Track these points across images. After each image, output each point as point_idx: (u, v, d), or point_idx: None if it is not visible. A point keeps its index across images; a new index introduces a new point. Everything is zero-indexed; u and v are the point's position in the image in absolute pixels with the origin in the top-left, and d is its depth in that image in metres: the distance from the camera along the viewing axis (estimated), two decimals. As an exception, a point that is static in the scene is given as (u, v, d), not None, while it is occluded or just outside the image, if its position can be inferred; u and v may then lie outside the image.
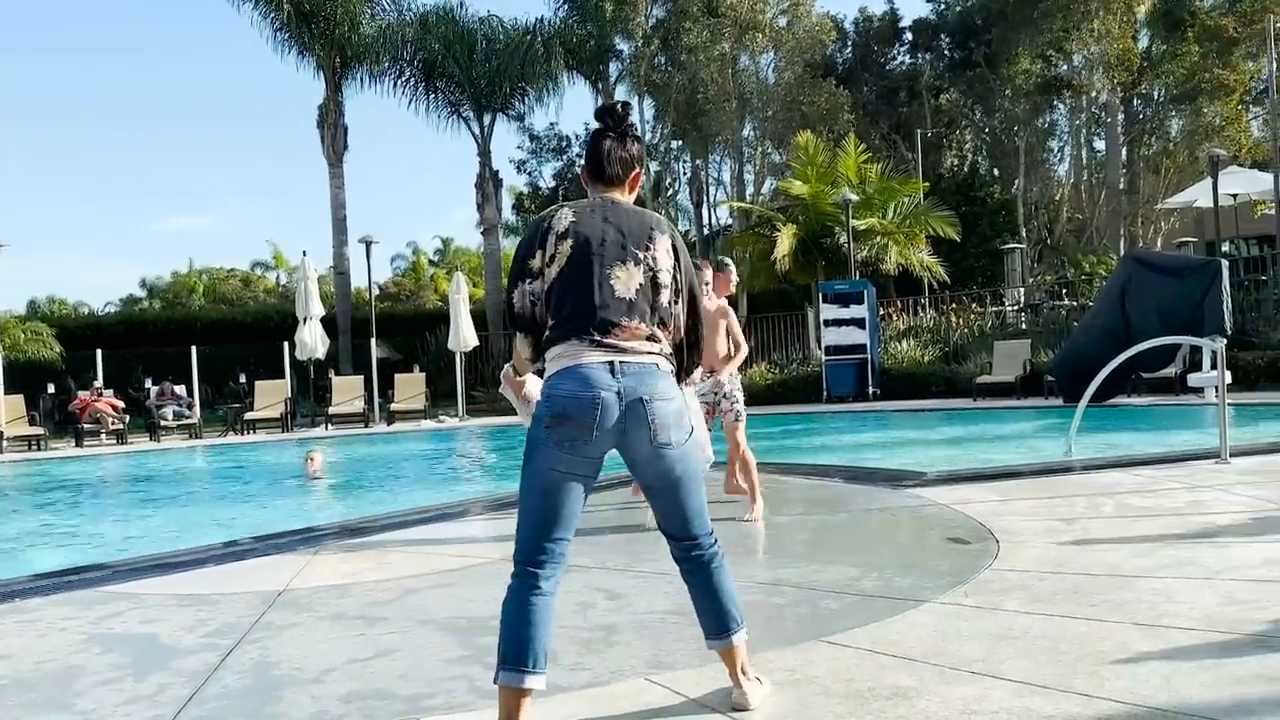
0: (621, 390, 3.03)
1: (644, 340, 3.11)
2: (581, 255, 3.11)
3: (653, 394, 3.07)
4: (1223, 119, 27.94)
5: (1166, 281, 15.04)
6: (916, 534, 6.33)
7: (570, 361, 3.07)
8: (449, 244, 57.33)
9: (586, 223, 3.16)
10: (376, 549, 6.55)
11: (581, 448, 3.05)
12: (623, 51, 30.46)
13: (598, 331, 3.07)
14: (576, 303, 3.10)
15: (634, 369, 3.06)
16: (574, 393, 3.03)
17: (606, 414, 3.02)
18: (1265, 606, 4.01)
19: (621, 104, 3.40)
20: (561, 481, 3.08)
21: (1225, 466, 7.82)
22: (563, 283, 3.12)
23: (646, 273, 3.14)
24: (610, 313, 3.08)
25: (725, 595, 3.32)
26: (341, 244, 27.95)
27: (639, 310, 3.11)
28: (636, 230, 3.18)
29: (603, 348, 3.06)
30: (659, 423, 3.07)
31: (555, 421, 3.04)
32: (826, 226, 22.81)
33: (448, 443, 17.31)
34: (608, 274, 3.11)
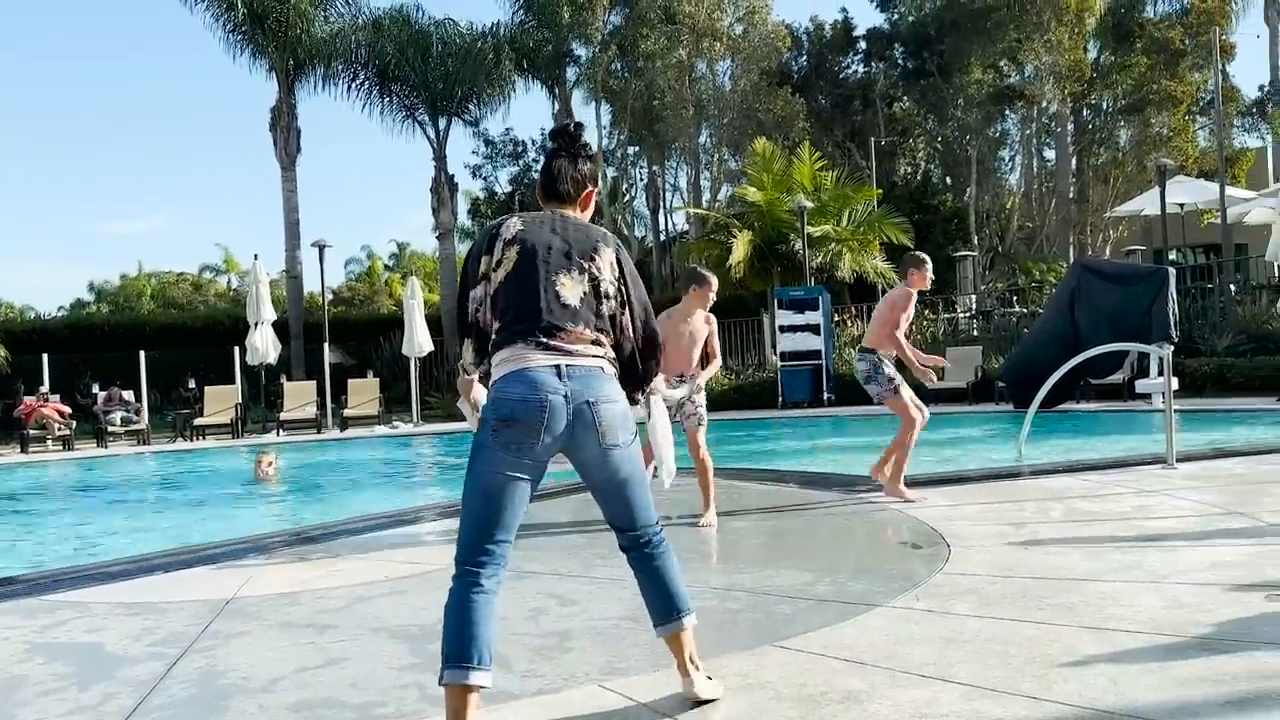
0: (569, 393, 3.09)
1: (589, 344, 3.18)
2: (527, 262, 3.20)
3: (599, 397, 3.13)
4: (1170, 129, 28.45)
5: (1115, 289, 15.27)
6: (869, 538, 6.38)
7: (517, 365, 3.12)
8: (404, 248, 57.02)
9: (534, 231, 3.25)
10: (328, 556, 6.48)
11: (528, 451, 3.08)
12: (580, 57, 30.46)
13: (543, 335, 3.13)
14: (522, 307, 3.17)
15: (580, 372, 3.13)
16: (523, 396, 3.07)
17: (554, 417, 3.07)
18: (1209, 609, 4.07)
19: (574, 124, 3.48)
20: (505, 484, 3.09)
21: (1171, 471, 7.95)
22: (508, 287, 3.20)
23: (590, 282, 3.22)
24: (555, 317, 3.15)
25: (671, 581, 3.38)
26: (294, 248, 27.67)
27: (583, 317, 3.19)
28: (582, 241, 3.26)
29: (549, 350, 3.12)
30: (606, 425, 3.13)
31: (502, 425, 3.07)
32: (782, 233, 22.94)
33: (401, 449, 17.18)
34: (553, 280, 3.18)
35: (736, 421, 17.44)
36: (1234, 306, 18.86)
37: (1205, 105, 29.36)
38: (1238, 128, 31.56)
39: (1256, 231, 25.89)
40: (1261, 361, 15.82)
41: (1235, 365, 15.96)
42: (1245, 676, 3.27)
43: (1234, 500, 6.59)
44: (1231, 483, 7.37)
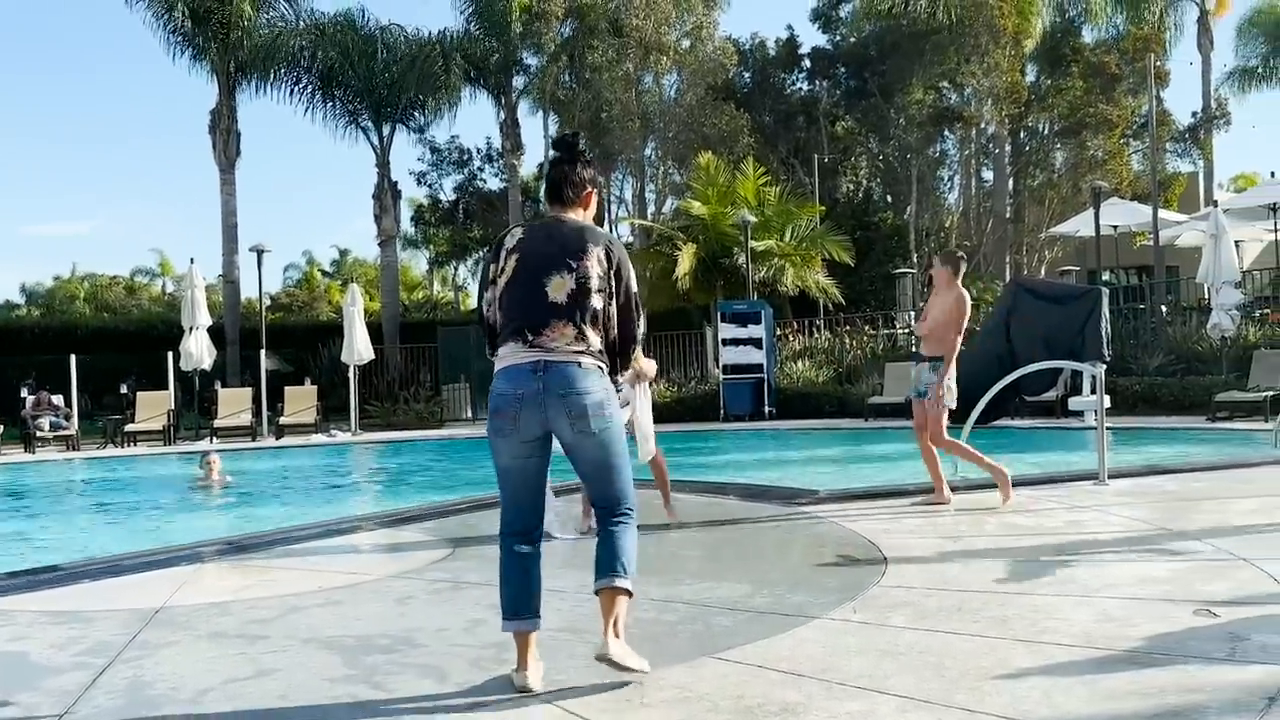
0: (542, 386, 3.56)
1: (572, 339, 3.60)
2: (523, 268, 3.67)
3: (569, 388, 3.56)
4: (1105, 152, 29.08)
5: (1050, 308, 15.52)
6: (808, 551, 6.41)
7: (506, 362, 3.66)
8: (345, 255, 56.44)
9: (531, 240, 3.74)
10: (260, 566, 6.37)
11: (511, 435, 3.63)
12: (529, 67, 30.42)
13: (530, 332, 3.61)
14: (516, 309, 3.66)
15: (555, 367, 3.57)
16: (502, 390, 3.65)
17: (526, 407, 3.58)
18: (1139, 623, 4.15)
19: (573, 134, 3.99)
20: (512, 465, 3.70)
21: (1103, 488, 8.09)
22: (508, 291, 3.69)
23: (578, 280, 3.61)
24: (541, 315, 3.60)
25: (624, 549, 3.75)
26: (232, 252, 27.23)
27: (568, 312, 3.60)
28: (573, 244, 3.67)
29: (532, 348, 3.60)
30: (575, 412, 3.57)
31: (492, 415, 3.67)
32: (726, 247, 23.06)
33: (339, 458, 16.96)
34: (543, 282, 3.62)
35: (678, 434, 17.46)
36: (1165, 327, 19.29)
37: (1139, 130, 30.05)
38: (1171, 152, 32.37)
39: (1188, 254, 26.55)
40: (1191, 382, 16.19)
41: (1166, 385, 16.32)
42: (1174, 690, 3.33)
43: (1164, 517, 6.73)
44: (1161, 499, 7.52)
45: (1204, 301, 20.47)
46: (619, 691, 3.57)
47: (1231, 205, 22.49)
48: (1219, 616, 4.17)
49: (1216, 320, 16.67)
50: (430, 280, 55.67)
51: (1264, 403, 14.07)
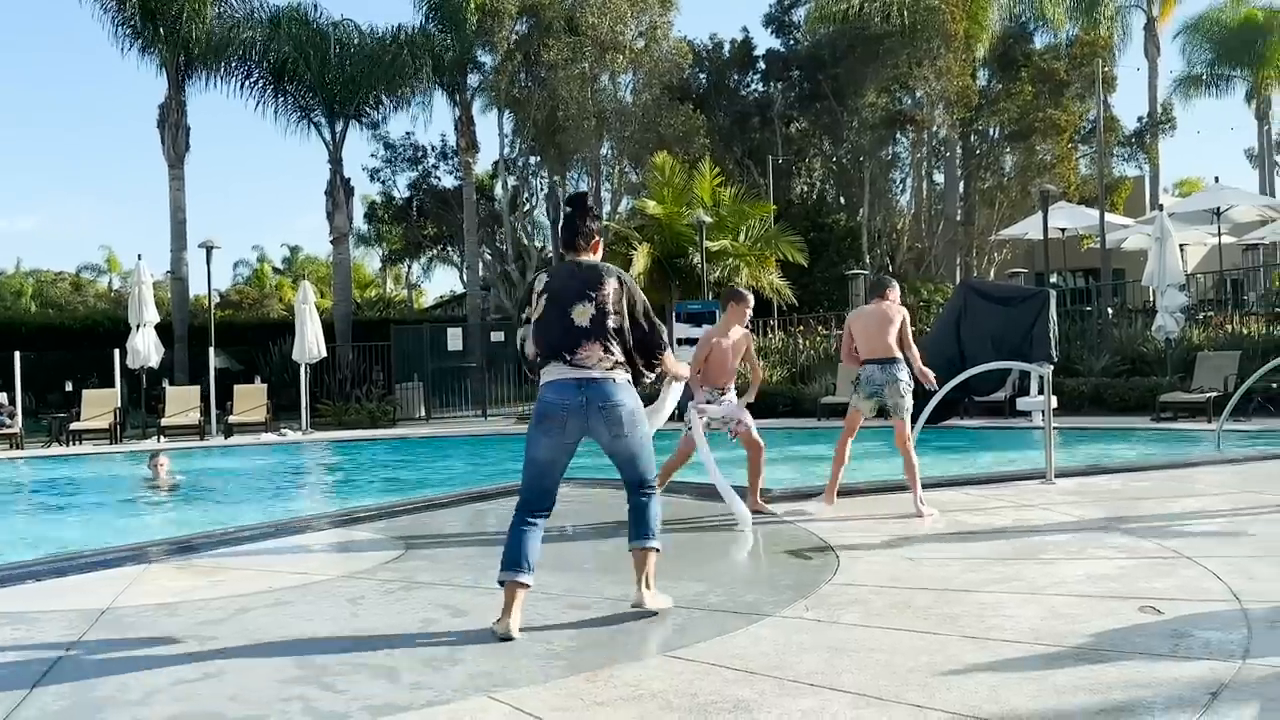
0: (585, 400, 4.48)
1: (602, 354, 4.51)
2: (552, 304, 4.56)
3: (607, 402, 4.51)
4: (1053, 157, 29.49)
5: (999, 310, 15.72)
6: (762, 550, 6.44)
7: (552, 377, 4.54)
8: (296, 252, 55.83)
9: (556, 281, 4.64)
10: (209, 566, 6.29)
11: (558, 436, 4.51)
12: (484, 64, 30.26)
13: (567, 353, 4.51)
14: (552, 335, 4.54)
15: (595, 384, 4.50)
16: (551, 400, 4.50)
17: (573, 416, 4.49)
18: (1086, 620, 4.22)
19: (584, 193, 5.12)
20: (546, 457, 4.54)
21: (1050, 486, 8.22)
22: (542, 323, 4.58)
23: (597, 307, 4.52)
24: (573, 338, 4.50)
25: (653, 517, 4.73)
26: (180, 248, 26.82)
27: (593, 334, 4.50)
28: (591, 278, 4.58)
29: (574, 367, 4.50)
30: (611, 421, 4.52)
31: (542, 418, 4.51)
32: (681, 247, 23.09)
33: (289, 457, 16.77)
34: (568, 311, 4.51)
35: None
36: (1111, 329, 19.62)
37: (1087, 134, 30.52)
38: (1118, 157, 32.92)
39: (1133, 257, 27.04)
40: (1136, 382, 16.47)
41: (1112, 385, 16.59)
42: (1120, 685, 3.40)
43: (1109, 515, 6.84)
44: (1107, 498, 7.65)
45: (1149, 304, 20.85)
46: (573, 690, 3.58)
47: (1176, 209, 22.92)
48: (1163, 613, 4.25)
49: (1161, 322, 16.98)
50: (384, 278, 55.23)
51: (1207, 403, 14.36)
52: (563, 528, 7.70)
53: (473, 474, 13.10)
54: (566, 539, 7.35)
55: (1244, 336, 17.43)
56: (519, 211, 32.78)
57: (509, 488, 9.37)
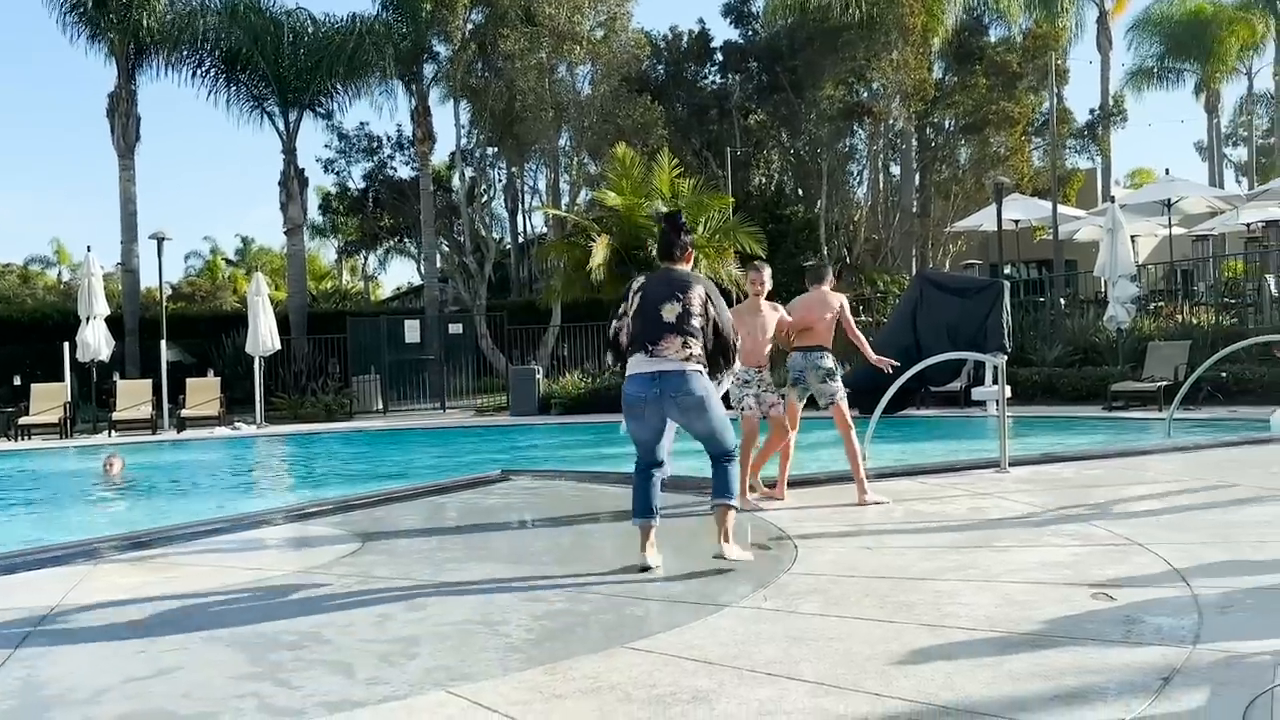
0: (659, 391, 5.25)
1: (679, 348, 5.26)
2: (645, 301, 5.38)
3: (679, 392, 5.24)
4: (1007, 149, 29.74)
5: (954, 301, 15.93)
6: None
7: (633, 370, 5.35)
8: (249, 243, 55.13)
9: (650, 284, 5.46)
10: (161, 562, 6.19)
11: (639, 418, 5.37)
12: (440, 54, 30.00)
13: (650, 344, 5.28)
14: (641, 328, 5.35)
15: (668, 376, 5.24)
16: (631, 393, 5.34)
17: (650, 405, 5.30)
18: (1039, 607, 4.26)
19: (676, 212, 6.06)
20: (642, 434, 5.45)
21: (1004, 475, 8.30)
22: (636, 318, 5.39)
23: (683, 307, 5.31)
24: (657, 331, 5.28)
25: (732, 479, 5.46)
26: (131, 240, 26.40)
27: (676, 329, 5.27)
28: (679, 284, 5.39)
29: (652, 358, 5.27)
30: (684, 408, 5.28)
31: (627, 408, 5.40)
32: (640, 238, 23.02)
33: (243, 451, 16.59)
34: (659, 308, 5.31)
35: (593, 425, 17.46)
36: (1064, 319, 19.87)
37: (1040, 126, 30.82)
38: (1070, 149, 33.29)
39: (1085, 248, 27.39)
40: (1088, 372, 16.69)
41: (1064, 375, 16.80)
42: (1073, 671, 3.43)
43: (1062, 502, 6.93)
44: (1060, 486, 7.74)
45: (1101, 294, 21.13)
46: (532, 683, 3.56)
47: (1128, 201, 23.23)
48: (1115, 599, 4.31)
49: (1113, 313, 17.22)
50: (339, 270, 54.71)
51: (1158, 392, 14.58)
52: (522, 520, 7.68)
53: (431, 467, 13.02)
54: (524, 530, 7.33)
55: (1194, 326, 17.71)
56: (477, 203, 32.55)
57: (468, 480, 9.34)
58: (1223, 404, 14.39)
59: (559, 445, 15.55)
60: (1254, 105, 43.93)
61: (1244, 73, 41.40)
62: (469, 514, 7.76)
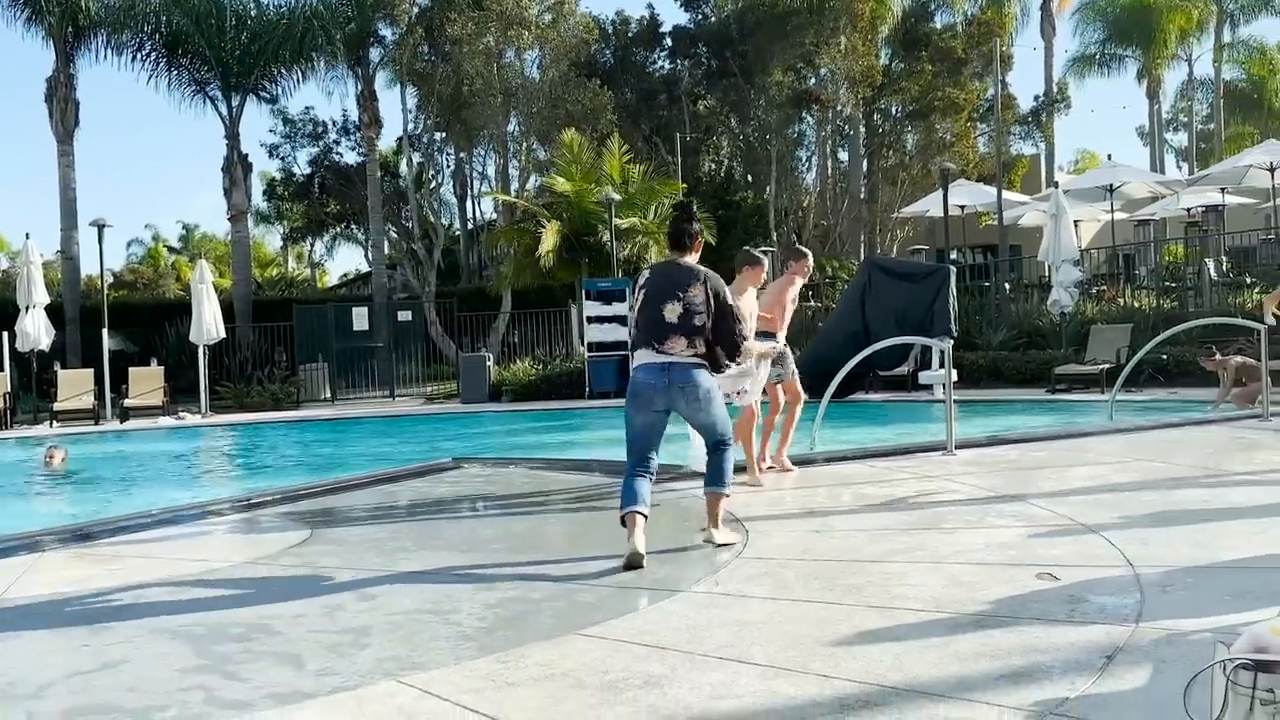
0: (668, 380, 5.42)
1: (684, 347, 5.42)
2: (647, 298, 5.54)
3: (686, 383, 5.42)
4: (953, 135, 30.05)
5: (901, 286, 16.09)
6: (673, 525, 6.45)
7: (643, 360, 5.52)
8: (192, 230, 54.24)
9: (654, 279, 5.60)
10: (105, 554, 6.09)
11: (646, 408, 5.49)
12: (385, 38, 29.66)
13: (655, 342, 5.45)
14: (645, 325, 5.52)
15: (676, 367, 5.43)
16: (641, 379, 5.49)
17: (659, 393, 5.44)
18: (986, 587, 4.33)
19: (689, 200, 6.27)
20: (643, 425, 5.52)
21: (951, 458, 8.41)
22: (640, 313, 5.57)
23: (684, 306, 5.41)
24: (662, 331, 5.44)
25: (724, 468, 5.62)
26: (71, 227, 25.86)
27: (679, 329, 5.41)
28: (682, 281, 5.47)
29: (660, 353, 5.45)
30: (690, 398, 5.45)
31: (632, 395, 5.53)
32: (590, 224, 23.01)
33: (188, 441, 16.34)
34: (661, 308, 5.44)
35: (544, 412, 17.43)
36: (1008, 304, 20.13)
37: (985, 112, 31.16)
38: (1014, 135, 33.66)
39: (1029, 233, 27.77)
40: (1033, 355, 16.93)
41: (1009, 359, 17.03)
42: (1019, 651, 3.49)
43: (1007, 484, 7.03)
44: (1005, 468, 7.86)
45: (1045, 279, 21.45)
46: (484, 672, 3.55)
47: (1071, 186, 23.57)
48: (1060, 580, 4.39)
49: (1056, 297, 17.48)
50: (285, 256, 54.02)
51: (1100, 375, 14.82)
52: (474, 508, 7.66)
53: (381, 455, 12.92)
54: (476, 518, 7.31)
55: (1135, 310, 18.04)
56: (425, 189, 32.27)
57: (419, 468, 9.28)
58: (1164, 386, 14.66)
59: (511, 432, 15.50)
60: (1194, 91, 44.73)
61: (1184, 59, 42.14)
62: (420, 502, 7.72)
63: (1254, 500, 6.07)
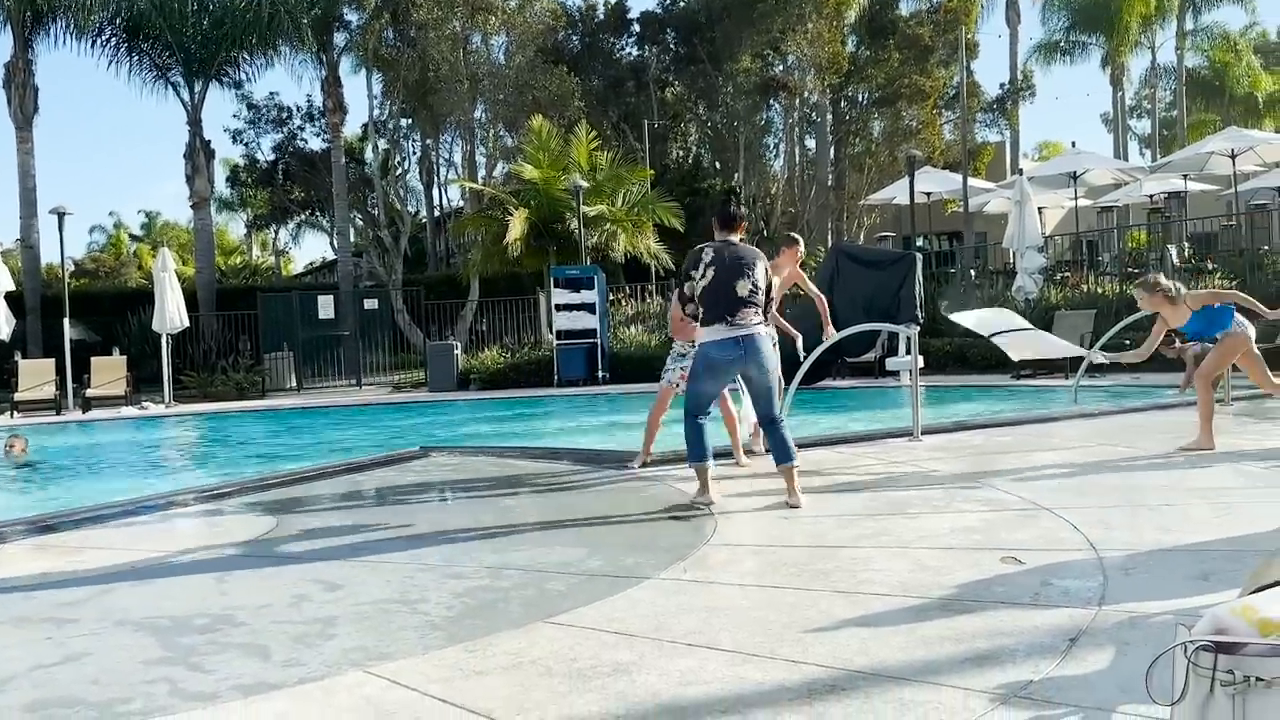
0: (744, 352, 6.07)
1: (753, 318, 6.08)
2: (718, 274, 6.07)
3: (760, 352, 6.12)
4: (919, 122, 30.22)
5: (869, 273, 16.18)
6: (642, 513, 6.48)
7: (716, 336, 6.06)
8: (155, 218, 53.66)
9: (720, 257, 6.15)
10: (68, 545, 6.02)
11: (721, 376, 6.31)
12: (351, 23, 29.40)
13: (729, 316, 6.03)
14: (717, 301, 6.06)
15: (748, 339, 6.05)
16: (718, 353, 6.10)
17: (734, 364, 6.18)
18: (951, 572, 4.36)
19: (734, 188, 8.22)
20: (713, 389, 6.41)
21: (917, 444, 8.47)
22: (710, 290, 6.08)
23: (750, 281, 6.09)
24: (735, 305, 6.04)
25: (785, 442, 6.12)
26: (31, 215, 25.51)
27: (749, 303, 6.08)
28: (747, 259, 6.17)
29: (733, 326, 6.03)
30: (759, 366, 6.16)
31: (709, 368, 6.17)
32: (558, 212, 22.94)
33: (151, 431, 16.18)
34: (734, 284, 6.06)
35: (512, 399, 17.39)
36: (974, 290, 20.26)
37: (951, 100, 31.35)
38: (980, 123, 33.91)
39: (995, 220, 27.96)
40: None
41: (974, 345, 17.11)
42: (984, 634, 3.52)
43: (973, 469, 7.09)
44: (971, 453, 7.92)
45: (1009, 265, 21.60)
46: (452, 661, 3.54)
47: (1035, 174, 23.75)
48: (1024, 563, 4.43)
49: (1021, 283, 17.63)
50: (249, 244, 53.51)
51: (1064, 360, 14.95)
52: (441, 497, 7.63)
53: (348, 445, 12.85)
54: (444, 507, 7.29)
55: (1099, 296, 18.20)
56: (391, 175, 32.06)
57: (386, 457, 9.23)
58: (1127, 371, 14.82)
59: (478, 420, 15.45)
60: (1157, 78, 45.16)
61: (1148, 46, 42.52)
62: (387, 492, 7.68)
63: (1215, 484, 6.15)
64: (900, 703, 2.97)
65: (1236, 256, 19.41)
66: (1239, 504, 5.56)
